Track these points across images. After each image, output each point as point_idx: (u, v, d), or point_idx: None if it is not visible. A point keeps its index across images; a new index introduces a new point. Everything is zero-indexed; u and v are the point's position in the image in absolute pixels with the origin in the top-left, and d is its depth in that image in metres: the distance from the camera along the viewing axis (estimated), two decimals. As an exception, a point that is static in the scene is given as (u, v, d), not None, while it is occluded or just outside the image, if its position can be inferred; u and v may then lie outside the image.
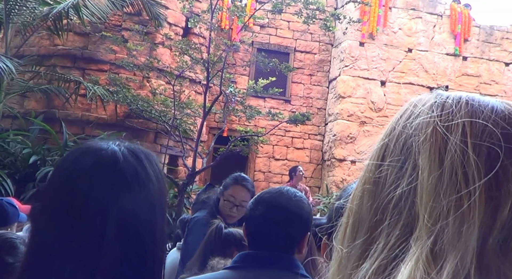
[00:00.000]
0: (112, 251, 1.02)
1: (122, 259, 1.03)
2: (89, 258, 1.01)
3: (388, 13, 12.58)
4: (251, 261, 1.71)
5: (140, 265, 1.06)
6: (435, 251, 0.51)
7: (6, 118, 9.08)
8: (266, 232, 1.73)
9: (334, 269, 0.61)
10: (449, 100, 0.59)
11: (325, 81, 13.29)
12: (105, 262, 1.01)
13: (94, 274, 1.00)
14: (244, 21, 9.73)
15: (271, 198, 1.77)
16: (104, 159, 1.08)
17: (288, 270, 1.69)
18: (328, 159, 12.56)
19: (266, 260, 1.70)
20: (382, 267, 0.54)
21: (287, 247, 1.73)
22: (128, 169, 1.08)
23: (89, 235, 1.02)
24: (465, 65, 12.96)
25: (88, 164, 1.07)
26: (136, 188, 1.07)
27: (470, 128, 0.55)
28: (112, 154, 1.09)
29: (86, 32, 9.60)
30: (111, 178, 1.06)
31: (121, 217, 1.04)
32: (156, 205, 1.11)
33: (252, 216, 1.77)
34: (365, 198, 0.60)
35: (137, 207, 1.06)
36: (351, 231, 0.60)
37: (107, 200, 1.04)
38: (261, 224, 1.74)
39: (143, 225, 1.07)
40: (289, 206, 1.74)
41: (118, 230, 1.03)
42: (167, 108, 9.41)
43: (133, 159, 1.10)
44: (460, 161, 0.53)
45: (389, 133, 0.61)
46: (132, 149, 1.13)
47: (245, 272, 1.69)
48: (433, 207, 0.53)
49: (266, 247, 1.71)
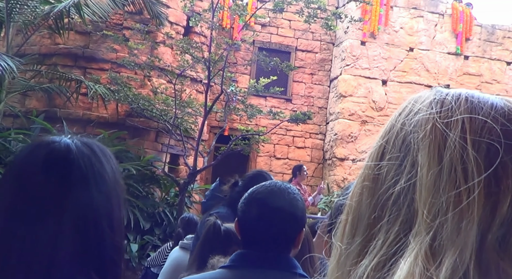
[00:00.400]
0: (69, 242, 1.02)
1: (81, 250, 1.03)
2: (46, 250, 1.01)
3: (389, 12, 12.57)
4: (248, 260, 1.70)
5: (99, 254, 1.07)
6: (434, 247, 0.51)
7: (8, 117, 9.09)
8: (261, 232, 1.70)
9: (333, 265, 0.61)
10: (448, 97, 0.59)
11: (326, 80, 13.29)
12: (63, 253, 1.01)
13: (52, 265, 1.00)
14: (245, 20, 9.73)
15: (265, 197, 1.73)
16: (57, 152, 1.08)
17: (285, 270, 1.68)
18: (329, 158, 12.56)
19: (264, 259, 1.68)
20: (381, 263, 0.54)
21: (283, 246, 1.72)
22: (82, 160, 1.08)
23: (45, 227, 1.02)
24: (466, 64, 12.95)
25: (41, 157, 1.07)
26: (91, 179, 1.08)
27: (469, 125, 0.55)
28: (65, 146, 1.09)
29: (87, 31, 9.61)
30: (65, 170, 1.07)
31: (77, 208, 1.04)
32: (112, 195, 1.11)
33: (246, 216, 1.74)
34: (364, 195, 0.60)
35: (93, 198, 1.07)
36: (350, 228, 0.60)
37: (62, 191, 1.04)
38: (255, 224, 1.71)
39: (101, 215, 1.07)
40: (284, 205, 1.71)
41: (75, 221, 1.03)
42: (168, 107, 9.41)
43: (87, 150, 1.11)
44: (459, 157, 0.53)
45: (388, 130, 0.61)
46: (86, 141, 1.14)
47: (242, 271, 1.68)
48: (432, 203, 0.53)
49: (262, 247, 1.70)
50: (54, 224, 1.02)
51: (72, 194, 1.05)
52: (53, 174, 1.06)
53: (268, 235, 1.70)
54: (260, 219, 1.71)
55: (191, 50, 9.09)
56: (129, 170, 8.05)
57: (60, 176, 1.06)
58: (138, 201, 8.00)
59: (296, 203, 1.74)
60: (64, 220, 1.02)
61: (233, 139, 9.24)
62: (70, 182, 1.06)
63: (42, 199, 1.04)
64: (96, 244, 1.06)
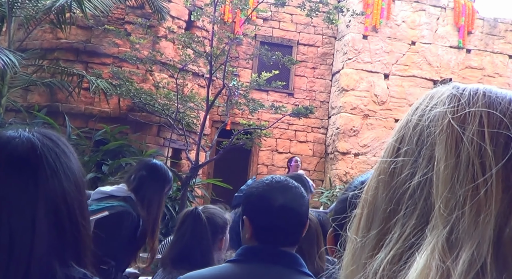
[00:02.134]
0: (46, 234, 1.02)
1: (57, 241, 1.04)
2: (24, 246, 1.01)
3: (391, 5, 12.53)
4: (255, 255, 1.71)
5: (76, 244, 1.08)
6: (451, 240, 0.51)
7: (10, 111, 9.09)
8: (276, 228, 1.72)
9: (348, 259, 0.61)
10: (466, 92, 0.59)
11: (328, 74, 13.27)
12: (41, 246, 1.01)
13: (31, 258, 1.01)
14: (247, 14, 9.70)
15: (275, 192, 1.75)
16: (20, 147, 1.06)
17: (290, 266, 1.69)
18: (331, 152, 12.56)
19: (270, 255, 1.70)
20: (397, 256, 0.55)
21: (290, 242, 1.75)
22: (49, 154, 1.07)
23: (20, 224, 1.01)
24: (468, 58, 12.92)
25: (4, 155, 1.05)
26: (60, 171, 1.07)
27: (487, 119, 0.55)
28: (28, 141, 1.07)
29: (89, 25, 9.59)
30: (32, 166, 1.05)
31: (50, 201, 1.04)
32: (80, 184, 1.12)
33: (261, 210, 1.74)
34: (380, 189, 0.60)
35: (64, 189, 1.07)
36: (366, 221, 0.61)
37: (33, 187, 1.03)
38: (270, 219, 1.72)
39: (73, 205, 1.08)
40: (292, 201, 1.74)
41: (49, 213, 1.03)
42: (170, 102, 9.41)
43: (50, 142, 1.10)
44: (477, 152, 0.53)
45: (404, 124, 0.61)
46: (45, 133, 1.12)
47: (248, 266, 1.69)
48: (449, 197, 0.53)
49: (273, 242, 1.71)
50: (29, 219, 1.01)
51: (43, 188, 1.04)
52: (21, 171, 1.04)
53: (280, 231, 1.72)
54: (273, 215, 1.72)
55: (193, 44, 9.08)
56: (131, 164, 8.05)
57: (29, 172, 1.04)
58: (141, 196, 8.01)
59: (302, 199, 1.76)
60: (39, 214, 1.02)
61: (235, 134, 9.24)
62: (39, 177, 1.04)
63: (14, 196, 1.02)
64: (71, 234, 1.07)
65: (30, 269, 1.01)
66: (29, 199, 1.03)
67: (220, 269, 1.76)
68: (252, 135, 9.74)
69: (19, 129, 1.11)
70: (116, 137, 8.95)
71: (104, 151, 8.49)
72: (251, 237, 1.72)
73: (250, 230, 1.73)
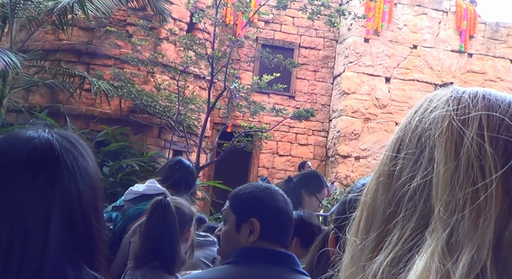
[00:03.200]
0: (59, 235, 1.02)
1: (70, 242, 1.04)
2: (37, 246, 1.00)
3: (393, 9, 12.54)
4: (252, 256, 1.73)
5: (88, 246, 1.07)
6: (450, 243, 0.51)
7: (11, 112, 9.10)
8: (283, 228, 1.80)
9: (347, 261, 0.61)
10: (465, 95, 0.59)
11: (330, 77, 13.27)
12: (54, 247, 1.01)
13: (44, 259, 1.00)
14: (249, 17, 9.72)
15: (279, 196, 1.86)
16: (39, 148, 1.06)
17: (288, 267, 1.73)
18: (332, 155, 12.55)
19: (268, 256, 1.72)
20: (396, 259, 0.55)
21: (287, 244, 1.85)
22: (66, 156, 1.07)
23: (35, 223, 1.01)
24: (470, 62, 12.92)
25: (23, 155, 1.05)
26: (77, 173, 1.07)
27: (487, 122, 0.55)
28: (47, 142, 1.07)
29: (91, 27, 9.61)
30: (50, 167, 1.05)
31: (65, 202, 1.04)
32: (97, 188, 1.11)
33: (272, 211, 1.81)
34: (379, 191, 0.60)
35: (80, 191, 1.06)
36: (365, 224, 0.61)
37: (49, 188, 1.03)
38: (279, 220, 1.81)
39: (88, 208, 1.07)
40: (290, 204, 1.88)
41: (64, 215, 1.03)
42: (171, 104, 9.42)
43: (68, 145, 1.10)
44: (476, 154, 0.53)
45: (404, 127, 0.61)
46: (64, 135, 1.12)
47: (246, 267, 1.71)
48: (449, 200, 0.53)
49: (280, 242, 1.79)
50: (44, 220, 1.02)
51: (59, 190, 1.04)
52: (38, 173, 1.04)
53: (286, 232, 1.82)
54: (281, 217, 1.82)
55: (195, 46, 9.09)
56: (132, 166, 8.06)
57: (46, 173, 1.05)
58: (141, 197, 8.01)
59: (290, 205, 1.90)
60: (54, 215, 1.02)
61: (236, 136, 9.24)
62: (56, 178, 1.05)
63: (30, 196, 1.03)
64: (84, 236, 1.07)
65: (42, 270, 1.00)
66: (44, 199, 1.03)
67: (219, 271, 1.77)
68: (253, 137, 9.74)
69: (39, 130, 1.11)
70: (117, 139, 8.95)
71: (105, 152, 8.49)
72: (257, 239, 1.75)
73: (258, 231, 1.76)
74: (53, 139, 1.08)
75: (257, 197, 1.83)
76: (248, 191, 1.86)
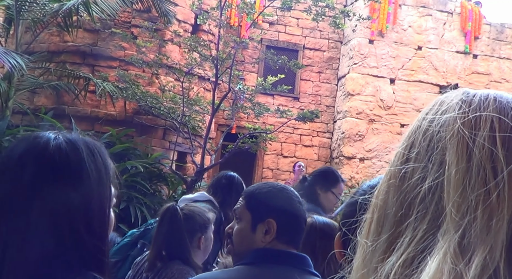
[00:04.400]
0: (39, 239, 1.00)
1: (53, 247, 1.01)
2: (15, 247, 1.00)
3: (398, 10, 12.53)
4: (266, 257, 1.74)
5: (73, 253, 1.04)
6: (463, 244, 0.51)
7: (16, 114, 9.14)
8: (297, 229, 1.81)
9: (358, 263, 0.61)
10: (476, 98, 0.59)
11: (334, 79, 13.26)
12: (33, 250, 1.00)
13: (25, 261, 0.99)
14: (253, 18, 9.72)
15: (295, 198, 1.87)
16: (34, 147, 1.07)
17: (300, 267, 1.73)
18: (336, 156, 12.54)
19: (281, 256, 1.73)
20: (409, 260, 0.55)
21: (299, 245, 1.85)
22: (58, 157, 1.06)
23: (14, 224, 1.01)
24: (475, 63, 12.88)
25: (18, 152, 1.07)
26: (67, 177, 1.06)
27: (498, 124, 0.55)
28: (44, 142, 1.08)
29: (96, 28, 9.64)
30: (37, 166, 1.05)
31: (49, 205, 1.02)
32: (94, 195, 1.08)
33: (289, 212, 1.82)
34: (390, 193, 0.60)
35: (68, 196, 1.04)
36: (376, 225, 0.61)
37: (33, 188, 1.02)
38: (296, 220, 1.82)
39: (76, 214, 1.05)
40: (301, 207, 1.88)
41: (46, 218, 1.01)
42: (176, 105, 9.42)
43: (68, 147, 1.08)
44: (488, 156, 0.53)
45: (415, 129, 0.61)
46: (70, 138, 1.11)
47: (259, 268, 1.71)
48: (461, 202, 0.53)
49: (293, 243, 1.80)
50: (23, 221, 1.00)
51: (44, 191, 1.02)
52: (24, 170, 1.04)
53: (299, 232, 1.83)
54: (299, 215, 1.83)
55: (199, 48, 9.10)
56: (137, 167, 8.07)
57: (30, 173, 1.04)
58: (146, 199, 8.02)
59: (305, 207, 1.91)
60: (33, 218, 1.01)
61: (240, 137, 9.24)
62: (42, 179, 1.04)
63: (13, 195, 1.03)
64: (72, 243, 1.04)
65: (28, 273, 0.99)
66: (26, 198, 1.02)
67: (232, 272, 1.77)
68: (257, 139, 9.73)
69: (50, 131, 1.12)
70: (122, 140, 8.97)
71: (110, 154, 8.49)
72: (273, 238, 1.76)
73: (274, 231, 1.77)
74: (52, 140, 1.09)
75: (275, 197, 1.82)
76: (265, 191, 1.84)
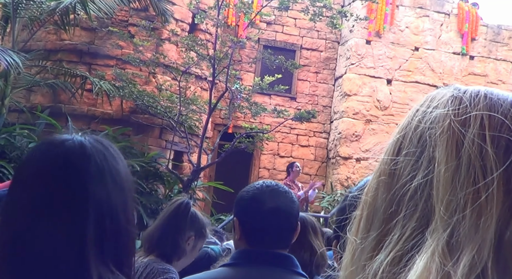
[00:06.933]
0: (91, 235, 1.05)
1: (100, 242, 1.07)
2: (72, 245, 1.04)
3: (395, 11, 12.54)
4: (250, 258, 1.72)
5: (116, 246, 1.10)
6: (451, 243, 0.51)
7: (13, 112, 9.11)
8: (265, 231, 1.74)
9: (347, 260, 0.61)
10: (467, 94, 0.58)
11: (331, 79, 13.27)
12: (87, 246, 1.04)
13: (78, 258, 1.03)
14: (251, 18, 9.71)
15: (265, 197, 1.76)
16: (73, 149, 1.11)
17: (286, 267, 1.72)
18: (333, 157, 12.54)
19: (266, 257, 1.71)
20: (397, 258, 0.54)
21: (280, 246, 1.77)
22: (98, 156, 1.11)
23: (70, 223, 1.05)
24: (472, 65, 12.91)
25: (58, 156, 1.10)
26: (107, 173, 1.11)
27: (488, 121, 0.54)
28: (79, 143, 1.12)
29: (93, 27, 9.62)
30: (82, 167, 1.09)
31: (96, 202, 1.07)
32: (126, 189, 1.15)
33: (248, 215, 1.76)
34: (380, 190, 0.60)
35: (110, 192, 1.10)
36: (365, 223, 0.60)
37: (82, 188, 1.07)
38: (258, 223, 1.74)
39: (117, 208, 1.11)
40: (283, 204, 1.76)
41: (96, 216, 1.06)
42: (173, 104, 9.42)
43: (100, 147, 1.14)
44: (478, 154, 0.53)
45: (405, 126, 0.61)
46: (96, 138, 1.17)
47: (244, 269, 1.70)
48: (450, 200, 0.52)
49: (265, 245, 1.73)
50: (78, 220, 1.05)
51: (91, 189, 1.07)
52: (71, 171, 1.09)
53: (270, 234, 1.74)
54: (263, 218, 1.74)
55: (196, 47, 9.10)
56: (133, 166, 8.05)
57: (78, 173, 1.09)
58: (142, 198, 8.01)
59: (292, 203, 1.80)
60: (88, 215, 1.05)
61: (237, 137, 9.24)
62: (88, 178, 1.09)
63: (64, 196, 1.07)
64: (113, 236, 1.09)
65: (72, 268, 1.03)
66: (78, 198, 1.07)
67: (216, 273, 1.77)
68: (254, 138, 9.74)
69: (73, 133, 1.16)
70: (118, 139, 8.95)
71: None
72: (239, 238, 1.74)
73: (239, 232, 1.75)
74: (86, 141, 1.13)
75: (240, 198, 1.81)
76: (240, 192, 1.85)
